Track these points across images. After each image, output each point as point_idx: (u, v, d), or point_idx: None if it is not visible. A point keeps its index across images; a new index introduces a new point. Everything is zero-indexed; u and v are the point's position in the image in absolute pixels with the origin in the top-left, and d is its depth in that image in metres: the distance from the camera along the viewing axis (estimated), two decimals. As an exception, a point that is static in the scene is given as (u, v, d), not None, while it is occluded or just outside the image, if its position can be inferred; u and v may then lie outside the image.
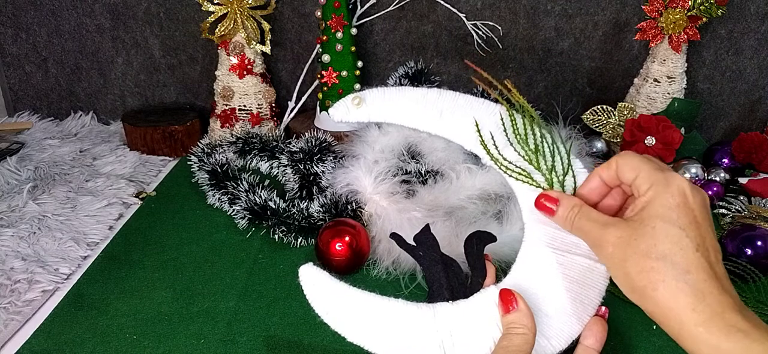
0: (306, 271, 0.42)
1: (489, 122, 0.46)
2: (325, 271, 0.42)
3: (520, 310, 0.39)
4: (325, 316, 0.40)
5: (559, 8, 0.97)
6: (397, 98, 0.48)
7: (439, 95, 0.47)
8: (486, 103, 0.46)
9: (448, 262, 0.43)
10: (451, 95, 0.47)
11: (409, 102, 0.48)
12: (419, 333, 0.40)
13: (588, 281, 0.42)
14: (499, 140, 0.45)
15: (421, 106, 0.47)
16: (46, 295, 0.63)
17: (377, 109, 0.48)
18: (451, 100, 0.47)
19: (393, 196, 0.69)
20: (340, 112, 0.48)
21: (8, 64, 1.10)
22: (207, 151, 0.86)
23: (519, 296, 0.39)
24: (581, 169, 0.44)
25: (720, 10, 0.83)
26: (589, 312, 0.41)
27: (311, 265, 0.42)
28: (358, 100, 0.47)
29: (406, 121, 0.47)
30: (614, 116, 0.91)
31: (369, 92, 0.48)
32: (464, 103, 0.47)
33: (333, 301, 0.41)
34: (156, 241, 0.73)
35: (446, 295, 0.42)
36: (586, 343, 0.41)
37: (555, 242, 0.43)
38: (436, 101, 0.47)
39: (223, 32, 0.92)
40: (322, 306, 0.41)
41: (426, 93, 0.48)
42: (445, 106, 0.47)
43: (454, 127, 0.46)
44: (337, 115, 0.48)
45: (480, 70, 0.46)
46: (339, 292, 0.41)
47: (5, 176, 0.86)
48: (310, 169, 0.80)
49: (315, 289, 0.41)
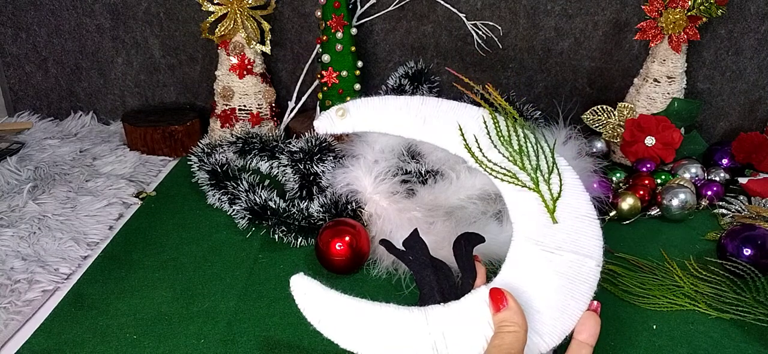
0: (297, 280, 0.42)
1: (473, 126, 0.46)
2: (316, 280, 0.42)
3: (510, 308, 0.39)
4: (317, 325, 0.41)
5: (559, 8, 0.97)
6: (380, 107, 0.48)
7: (422, 102, 0.48)
8: (469, 107, 0.47)
9: (438, 265, 0.44)
10: (435, 102, 0.48)
11: (392, 111, 0.48)
12: (412, 336, 0.40)
13: (578, 276, 0.42)
14: (483, 143, 0.45)
15: (405, 113, 0.48)
16: (46, 295, 0.63)
17: (361, 119, 0.48)
18: (435, 106, 0.48)
19: (393, 196, 0.69)
20: (324, 124, 0.48)
21: (8, 64, 1.10)
22: (207, 151, 0.86)
23: (509, 294, 0.40)
24: (565, 165, 0.45)
25: (720, 10, 0.83)
26: (581, 307, 0.42)
27: (302, 274, 0.42)
28: (342, 111, 0.48)
29: (391, 129, 0.48)
30: (614, 116, 0.91)
31: (352, 103, 0.48)
32: (448, 109, 0.48)
33: (325, 309, 0.41)
34: (156, 241, 0.73)
35: (437, 298, 0.42)
36: (580, 338, 0.41)
37: (544, 240, 0.43)
38: (419, 108, 0.48)
39: (223, 32, 0.92)
40: (314, 315, 0.41)
41: (409, 101, 0.48)
42: (429, 113, 0.48)
43: (438, 133, 0.47)
44: (321, 127, 0.48)
45: (461, 75, 0.47)
46: (331, 300, 0.42)
47: (5, 176, 0.86)
48: (310, 169, 0.80)
49: (307, 298, 0.42)
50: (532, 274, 0.43)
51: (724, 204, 0.80)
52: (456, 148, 0.46)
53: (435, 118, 0.47)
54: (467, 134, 0.45)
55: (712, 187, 0.81)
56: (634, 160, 0.89)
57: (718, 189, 0.81)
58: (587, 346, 0.41)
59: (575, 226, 0.43)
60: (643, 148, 0.88)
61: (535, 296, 0.42)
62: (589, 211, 0.44)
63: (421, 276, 0.43)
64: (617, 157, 0.94)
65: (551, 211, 0.43)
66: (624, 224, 0.76)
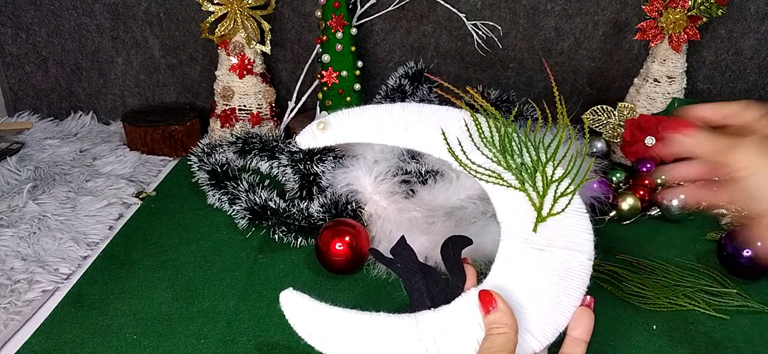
0: (287, 296, 0.42)
1: (455, 129, 0.46)
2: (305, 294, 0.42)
3: (499, 309, 0.39)
4: (308, 339, 0.41)
5: (559, 8, 0.97)
6: (361, 118, 0.48)
7: (403, 109, 0.48)
8: (451, 110, 0.47)
9: (427, 270, 0.44)
10: (416, 107, 0.48)
11: (373, 120, 0.48)
12: (404, 344, 0.40)
13: (570, 272, 0.42)
14: (467, 145, 0.45)
15: (386, 121, 0.48)
16: (46, 295, 0.63)
17: (343, 130, 0.48)
18: (416, 112, 0.48)
19: (393, 196, 0.69)
20: (306, 139, 0.48)
21: (8, 64, 1.10)
22: (207, 151, 0.86)
23: (498, 296, 0.40)
24: None
25: (720, 10, 0.83)
26: (574, 303, 0.42)
27: (291, 289, 0.42)
28: (323, 125, 0.48)
29: (374, 138, 0.48)
30: (614, 116, 0.91)
31: (333, 115, 0.48)
32: (429, 113, 0.48)
33: (315, 322, 0.41)
34: (156, 241, 0.73)
35: (427, 303, 0.42)
36: (574, 334, 0.41)
37: (532, 238, 0.43)
38: (400, 115, 0.48)
39: (223, 32, 0.92)
40: (304, 329, 0.41)
41: (390, 108, 0.48)
42: (410, 119, 0.48)
43: (421, 138, 0.47)
44: (303, 142, 0.48)
45: (440, 80, 0.48)
46: (320, 313, 0.42)
47: (5, 176, 0.86)
48: (310, 169, 0.80)
49: (296, 313, 0.42)
50: (522, 273, 0.43)
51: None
52: (440, 152, 0.46)
53: (417, 123, 0.47)
54: (450, 137, 0.45)
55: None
56: (634, 160, 0.89)
57: (718, 189, 0.81)
58: (582, 343, 0.41)
59: (564, 221, 0.43)
60: (643, 148, 0.87)
61: (527, 295, 0.42)
62: (578, 205, 0.44)
63: (410, 282, 0.44)
64: (617, 157, 0.94)
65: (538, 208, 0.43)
66: (624, 224, 0.76)
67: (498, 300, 0.39)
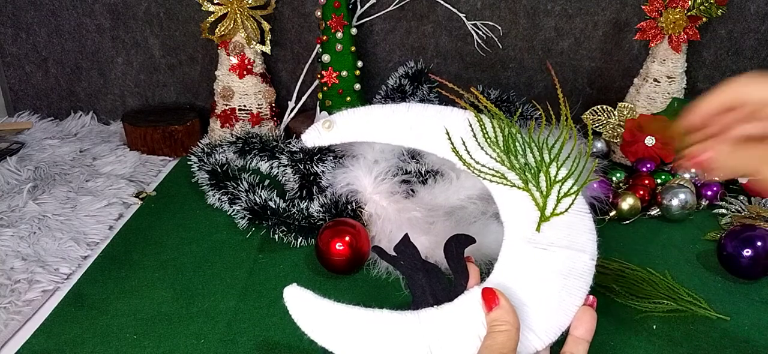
0: (290, 291, 0.42)
1: (460, 129, 0.47)
2: (309, 290, 0.43)
3: (501, 307, 0.39)
4: (312, 334, 0.41)
5: (559, 8, 0.97)
6: (366, 117, 0.49)
7: (407, 109, 0.48)
8: (455, 110, 0.48)
9: (430, 268, 0.44)
10: (420, 107, 0.48)
11: (378, 119, 0.48)
12: (406, 340, 0.41)
13: (572, 272, 0.42)
14: (471, 145, 0.45)
15: (391, 121, 0.48)
16: (46, 295, 0.63)
17: (348, 129, 0.48)
18: (421, 112, 0.48)
19: (393, 196, 0.69)
20: (311, 137, 0.48)
21: (8, 64, 1.10)
22: (207, 151, 0.86)
23: (500, 293, 0.40)
24: None
25: (720, 10, 0.83)
26: (577, 302, 0.42)
27: (295, 285, 0.43)
28: (329, 123, 0.48)
29: (378, 137, 0.48)
30: (614, 116, 0.91)
31: (339, 115, 0.49)
32: (434, 113, 0.48)
33: (319, 318, 0.42)
34: (156, 241, 0.73)
35: (430, 301, 0.42)
36: (576, 334, 0.41)
37: (535, 237, 0.43)
38: (405, 115, 0.48)
39: (223, 32, 0.92)
40: (308, 324, 0.42)
41: (395, 108, 0.48)
42: (415, 119, 0.48)
43: (425, 138, 0.48)
44: (309, 140, 0.48)
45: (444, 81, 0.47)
46: (324, 308, 0.42)
47: (5, 176, 0.86)
48: (310, 169, 0.80)
49: (300, 309, 0.42)
50: (525, 273, 0.43)
51: (725, 204, 0.80)
52: (444, 151, 0.46)
53: (421, 123, 0.48)
54: (454, 137, 0.46)
55: (712, 187, 0.81)
56: (634, 160, 0.89)
57: (718, 189, 0.81)
58: (584, 342, 0.41)
59: (567, 221, 0.43)
60: (643, 148, 0.87)
61: (530, 294, 0.42)
62: (581, 205, 0.44)
63: (413, 280, 0.44)
64: (617, 157, 0.94)
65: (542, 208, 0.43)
66: (624, 224, 0.76)
67: (501, 297, 0.39)
